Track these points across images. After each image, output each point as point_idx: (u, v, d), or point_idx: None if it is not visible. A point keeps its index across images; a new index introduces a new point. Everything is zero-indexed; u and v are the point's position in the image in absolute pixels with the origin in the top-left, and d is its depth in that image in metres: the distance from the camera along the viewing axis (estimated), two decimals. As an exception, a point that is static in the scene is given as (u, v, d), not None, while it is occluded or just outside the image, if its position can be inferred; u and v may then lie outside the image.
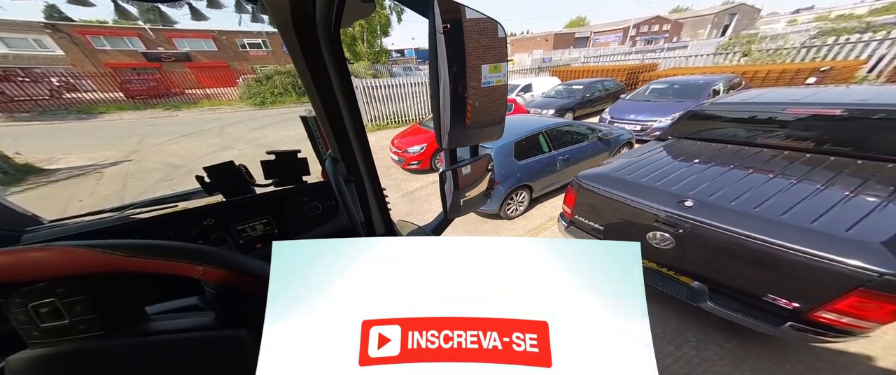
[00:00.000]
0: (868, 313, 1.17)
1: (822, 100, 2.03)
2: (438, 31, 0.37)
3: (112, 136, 9.02)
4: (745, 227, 1.41)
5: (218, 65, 20.03)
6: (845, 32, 6.56)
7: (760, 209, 1.49)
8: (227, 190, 0.80)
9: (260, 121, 10.50)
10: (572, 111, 7.48)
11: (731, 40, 8.76)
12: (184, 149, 7.30)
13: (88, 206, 4.25)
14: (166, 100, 14.76)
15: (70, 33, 17.40)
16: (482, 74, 0.45)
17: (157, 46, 19.80)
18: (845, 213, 1.36)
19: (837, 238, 1.25)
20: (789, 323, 1.36)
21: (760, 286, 1.43)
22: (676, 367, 1.71)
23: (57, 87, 13.36)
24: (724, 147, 2.27)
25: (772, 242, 1.32)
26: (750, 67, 6.60)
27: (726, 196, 1.63)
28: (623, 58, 12.67)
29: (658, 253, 1.79)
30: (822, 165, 1.78)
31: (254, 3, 0.66)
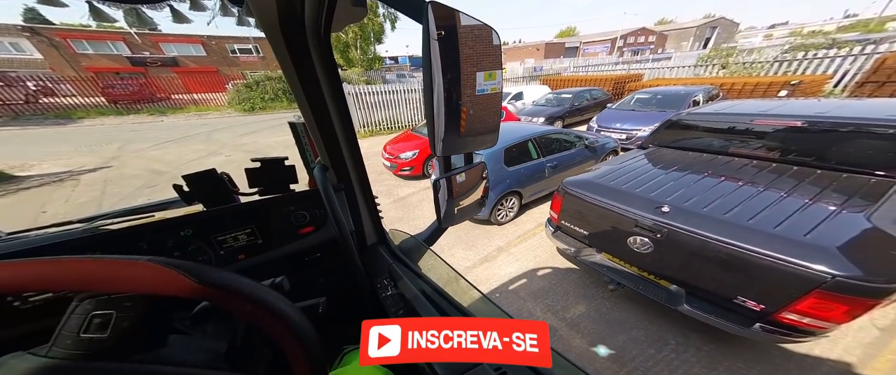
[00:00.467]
0: (825, 313, 1.24)
1: (786, 112, 2.17)
2: (433, 37, 0.36)
3: (91, 142, 8.68)
4: (716, 232, 1.48)
5: (207, 70, 19.74)
6: (813, 48, 7.07)
7: (729, 215, 1.56)
8: (207, 199, 0.76)
9: (250, 127, 10.34)
10: (562, 119, 7.69)
11: (710, 53, 9.25)
12: (168, 155, 7.08)
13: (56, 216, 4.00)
14: (151, 106, 14.37)
15: (49, 36, 16.84)
16: (477, 82, 0.44)
17: (142, 51, 19.37)
18: (804, 219, 1.45)
19: (796, 242, 1.32)
20: (758, 324, 1.42)
21: (731, 288, 1.50)
22: (657, 369, 1.75)
23: (33, 92, 12.82)
24: (699, 155, 2.39)
25: (739, 246, 1.39)
26: (727, 79, 6.97)
27: (699, 202, 1.72)
28: (611, 68, 13.18)
29: (639, 258, 1.84)
30: (787, 174, 1.90)
31: (239, 6, 0.65)
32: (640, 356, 1.82)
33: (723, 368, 1.68)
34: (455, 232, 3.41)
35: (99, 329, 0.31)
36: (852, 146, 1.82)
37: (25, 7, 22.86)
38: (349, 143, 0.78)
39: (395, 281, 0.76)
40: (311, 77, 0.64)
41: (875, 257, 1.23)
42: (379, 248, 0.93)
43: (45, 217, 3.95)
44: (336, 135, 0.75)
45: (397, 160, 4.84)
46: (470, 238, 3.31)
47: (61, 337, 0.31)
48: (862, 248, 1.26)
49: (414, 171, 4.82)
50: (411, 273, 0.78)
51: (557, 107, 8.03)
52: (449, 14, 0.37)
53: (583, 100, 8.22)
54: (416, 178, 4.90)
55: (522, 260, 2.85)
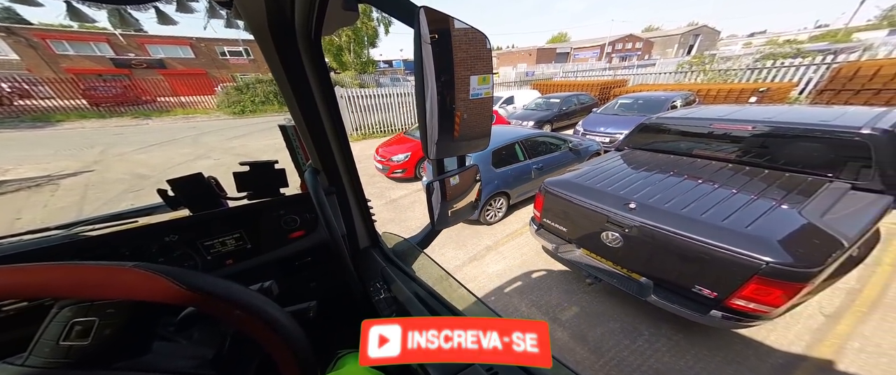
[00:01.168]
0: (765, 298, 1.37)
1: (741, 117, 2.35)
2: (425, 40, 0.36)
3: (71, 146, 8.38)
4: (675, 226, 1.61)
5: (195, 72, 19.35)
6: (781, 57, 7.54)
7: (686, 210, 1.70)
8: (193, 204, 0.74)
9: (239, 130, 10.19)
10: (550, 123, 7.91)
11: (692, 60, 9.71)
12: (153, 159, 6.92)
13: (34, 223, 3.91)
14: (135, 108, 13.97)
15: (27, 36, 16.23)
16: (471, 85, 0.44)
17: (127, 52, 18.86)
18: (748, 213, 1.59)
19: (739, 233, 1.45)
20: (713, 311, 1.55)
21: (689, 278, 1.62)
22: (632, 359, 1.85)
23: (7, 94, 12.30)
24: (667, 156, 2.55)
25: (694, 238, 1.52)
26: (704, 85, 7.37)
27: (662, 199, 1.85)
28: (600, 73, 13.62)
29: (611, 252, 1.96)
30: (739, 173, 2.06)
31: (228, 9, 0.63)
32: (616, 346, 1.92)
33: (690, 356, 1.80)
34: (446, 232, 3.48)
35: (80, 336, 0.30)
36: (793, 149, 2.02)
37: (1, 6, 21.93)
38: (341, 147, 0.77)
39: (389, 284, 0.75)
40: (302, 80, 0.64)
41: (803, 246, 1.37)
42: (372, 252, 0.92)
43: (20, 223, 3.82)
44: (327, 138, 0.74)
45: (389, 162, 4.88)
46: (460, 237, 3.38)
47: (39, 345, 0.30)
48: (792, 238, 1.40)
49: (406, 174, 4.87)
50: (405, 276, 0.77)
51: (546, 111, 8.25)
52: (441, 18, 0.37)
53: (571, 105, 8.47)
54: (408, 181, 4.95)
55: (509, 258, 2.93)
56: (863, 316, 1.93)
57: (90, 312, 0.31)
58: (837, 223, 1.48)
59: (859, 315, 1.94)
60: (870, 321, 1.90)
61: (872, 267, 2.34)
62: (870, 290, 2.13)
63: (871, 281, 2.21)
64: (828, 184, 1.77)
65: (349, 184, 0.83)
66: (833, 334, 1.83)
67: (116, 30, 18.19)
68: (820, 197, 1.66)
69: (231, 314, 0.32)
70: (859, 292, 2.12)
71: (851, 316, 1.94)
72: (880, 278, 2.23)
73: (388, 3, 0.43)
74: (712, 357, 1.77)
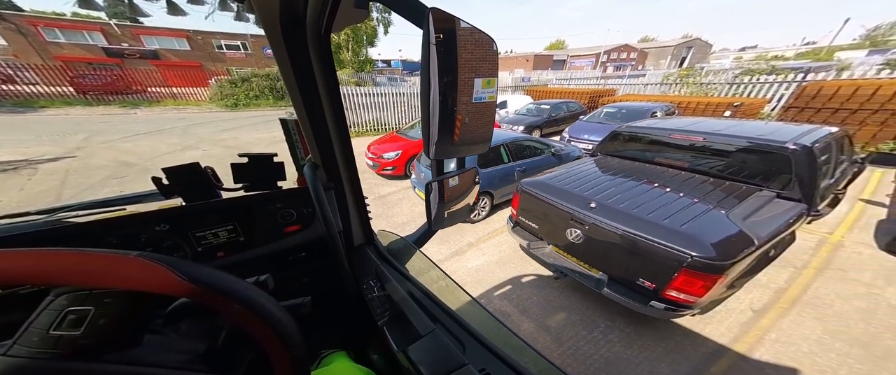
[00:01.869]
0: (690, 288, 1.55)
1: (694, 129, 2.56)
2: (432, 42, 0.36)
3: (54, 131, 8.21)
4: (625, 223, 1.78)
5: (190, 64, 19.08)
6: (757, 73, 7.94)
7: (636, 210, 1.88)
8: (187, 193, 0.73)
9: (230, 123, 10.13)
10: (540, 128, 8.13)
11: (680, 73, 10.11)
12: (139, 148, 6.85)
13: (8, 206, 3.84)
14: (124, 98, 13.72)
15: (17, 23, 15.81)
16: (474, 88, 0.44)
17: (121, 42, 18.52)
18: (686, 214, 1.78)
19: (674, 231, 1.64)
20: (652, 302, 1.71)
21: (634, 272, 1.79)
22: (587, 348, 1.99)
23: (-11, 77, 11.95)
24: (633, 162, 2.75)
25: (639, 235, 1.69)
26: (684, 98, 7.73)
27: (619, 200, 2.02)
28: (596, 82, 13.98)
29: (575, 248, 2.11)
30: (690, 179, 2.27)
31: (239, 2, 0.63)
32: (574, 336, 2.06)
33: (637, 346, 1.95)
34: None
35: (72, 325, 0.29)
36: (734, 159, 2.23)
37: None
38: (342, 143, 0.77)
39: (383, 282, 0.75)
40: (308, 75, 0.63)
41: (722, 243, 1.55)
42: (366, 249, 0.91)
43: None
44: (329, 133, 0.73)
45: (380, 159, 4.95)
46: (445, 234, 3.50)
47: (28, 334, 0.28)
48: (715, 236, 1.58)
49: (396, 171, 4.94)
50: (399, 274, 0.77)
51: (537, 116, 8.47)
52: (449, 19, 0.37)
53: (560, 112, 8.72)
54: (397, 178, 5.05)
55: (489, 254, 3.06)
56: (784, 312, 2.14)
57: (87, 301, 0.29)
58: (754, 225, 1.68)
59: (781, 311, 2.15)
60: (789, 315, 2.11)
61: (800, 269, 2.57)
62: (794, 289, 2.35)
63: (797, 281, 2.44)
64: (758, 192, 1.98)
65: (348, 181, 0.83)
66: (757, 327, 2.02)
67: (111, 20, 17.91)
68: (747, 203, 1.87)
69: (230, 308, 0.31)
70: (785, 291, 2.34)
71: (775, 312, 2.15)
72: (804, 279, 2.46)
73: (399, 3, 0.43)
74: (656, 347, 1.92)
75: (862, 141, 5.14)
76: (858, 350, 1.82)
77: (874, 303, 2.17)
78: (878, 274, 2.47)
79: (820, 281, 2.43)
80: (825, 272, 2.52)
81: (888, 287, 2.32)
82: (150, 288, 0.29)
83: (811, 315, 2.10)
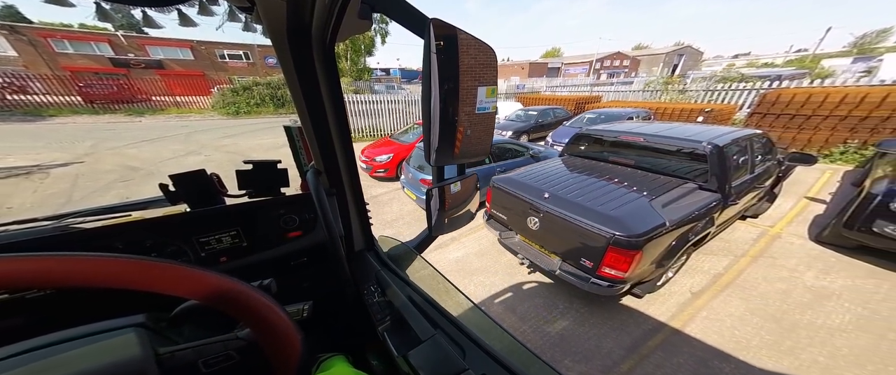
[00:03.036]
0: (617, 264, 1.82)
1: (638, 131, 2.89)
2: (433, 51, 0.37)
3: (62, 139, 8.56)
4: (570, 210, 2.08)
5: (193, 73, 19.65)
6: (730, 81, 8.38)
7: (580, 198, 2.17)
8: (193, 199, 0.74)
9: (232, 130, 10.50)
10: (527, 133, 8.49)
11: (659, 81, 10.58)
12: (144, 153, 7.18)
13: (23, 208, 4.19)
14: (129, 106, 14.17)
15: (28, 35, 16.43)
16: (478, 98, 0.44)
17: (127, 52, 19.14)
18: (619, 202, 2.07)
19: (605, 215, 1.91)
20: (592, 279, 1.98)
21: (577, 253, 2.07)
22: (547, 327, 2.24)
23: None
24: (591, 161, 3.06)
25: (579, 220, 1.98)
26: (662, 104, 8.16)
27: (568, 191, 2.32)
28: (585, 89, 14.51)
29: (535, 235, 2.39)
30: (631, 174, 2.58)
31: (248, 13, 0.65)
32: (537, 317, 2.32)
33: (589, 324, 2.21)
34: (416, 223, 3.88)
35: None
36: (667, 157, 2.56)
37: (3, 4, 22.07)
38: (344, 150, 0.78)
39: (383, 287, 0.75)
40: (313, 83, 0.65)
41: (638, 224, 1.84)
42: (367, 254, 0.92)
43: (10, 213, 4.04)
44: (332, 140, 0.74)
45: (373, 162, 5.26)
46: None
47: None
48: (634, 218, 1.88)
49: (387, 173, 5.24)
50: (399, 280, 0.77)
51: (525, 122, 8.84)
52: (449, 30, 0.38)
53: (547, 118, 9.10)
54: (389, 180, 5.34)
55: (468, 247, 3.34)
56: (717, 293, 2.41)
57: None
58: (669, 211, 1.97)
59: (715, 293, 2.42)
60: (720, 296, 2.38)
61: (738, 257, 2.85)
62: (729, 275, 2.63)
63: (733, 267, 2.71)
64: (683, 184, 2.28)
65: (349, 187, 0.83)
66: (693, 307, 2.29)
67: (118, 31, 18.57)
68: (671, 193, 2.17)
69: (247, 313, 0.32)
70: (721, 276, 2.62)
71: (709, 294, 2.41)
72: (740, 266, 2.74)
73: (401, 14, 0.45)
74: (604, 325, 2.19)
75: (816, 145, 5.49)
76: (771, 324, 2.08)
77: (793, 285, 2.44)
78: (802, 260, 2.75)
79: (753, 267, 2.70)
80: (759, 259, 2.80)
81: (807, 271, 2.60)
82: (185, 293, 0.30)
83: (739, 295, 2.36)
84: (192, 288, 0.30)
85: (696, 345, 1.94)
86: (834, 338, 1.93)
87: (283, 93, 15.45)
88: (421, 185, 3.72)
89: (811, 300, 2.28)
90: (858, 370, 1.72)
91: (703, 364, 1.80)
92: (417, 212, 4.11)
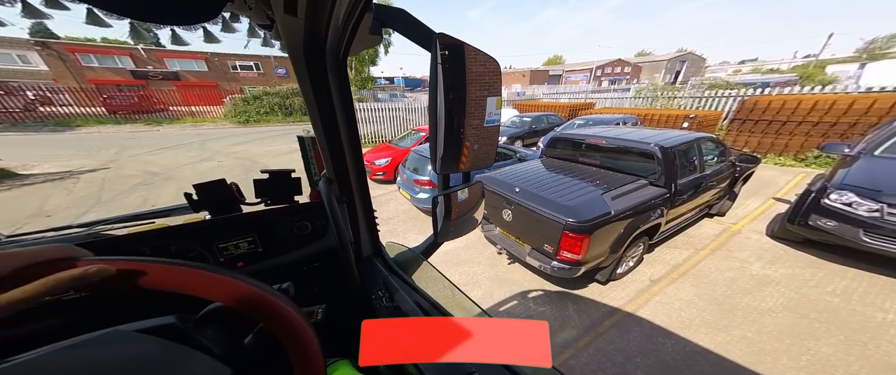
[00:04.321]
0: (572, 248, 2.13)
1: (601, 134, 3.20)
2: (439, 62, 0.39)
3: (89, 147, 9.27)
4: (535, 202, 2.39)
5: (207, 84, 20.71)
6: (718, 87, 8.63)
7: (545, 192, 2.48)
8: (214, 208, 0.78)
9: (242, 137, 11.14)
10: (521, 139, 8.85)
11: (653, 88, 10.88)
12: (163, 159, 7.77)
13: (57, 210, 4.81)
14: (148, 116, 15.07)
15: (58, 50, 17.70)
16: (487, 110, 0.45)
17: (146, 65, 20.34)
18: (576, 194, 2.38)
19: (562, 204, 2.22)
20: (553, 262, 2.28)
21: (541, 239, 2.37)
22: (519, 309, 2.51)
23: (31, 101, 13.35)
24: (564, 161, 3.40)
25: (542, 210, 2.30)
26: (649, 110, 8.46)
27: (537, 186, 2.63)
28: (582, 96, 14.87)
29: (509, 226, 2.70)
30: (596, 172, 2.90)
31: (268, 30, 0.68)
32: (512, 300, 2.60)
33: (556, 306, 2.49)
34: (410, 220, 4.22)
35: None
36: (622, 158, 2.90)
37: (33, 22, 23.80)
38: (355, 159, 0.80)
39: (391, 293, 0.77)
40: (326, 95, 0.68)
41: (587, 212, 2.16)
42: (374, 260, 0.95)
43: (48, 220, 4.36)
44: (343, 150, 0.77)
45: (372, 166, 5.68)
46: (419, 225, 4.11)
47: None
48: (585, 208, 2.19)
49: (386, 176, 5.64)
50: (406, 285, 0.79)
51: (519, 128, 9.21)
52: (455, 44, 0.40)
53: (541, 124, 9.45)
54: (387, 182, 5.72)
55: (457, 241, 3.60)
56: (672, 281, 2.68)
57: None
58: (616, 202, 2.29)
59: (671, 281, 2.68)
60: (675, 284, 2.64)
61: (699, 250, 3.11)
62: (687, 265, 2.89)
63: (692, 259, 2.97)
64: (636, 180, 2.60)
65: (359, 195, 0.86)
66: (649, 292, 2.56)
67: (138, 45, 19.84)
68: (623, 187, 2.48)
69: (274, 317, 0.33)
70: (680, 266, 2.88)
71: (666, 281, 2.68)
72: (699, 258, 3.00)
73: (409, 29, 0.47)
74: (569, 308, 2.47)
75: (793, 150, 5.69)
76: (713, 307, 2.33)
77: (740, 274, 2.69)
78: (754, 253, 3.00)
79: (710, 259, 2.96)
80: (717, 252, 3.06)
81: (756, 262, 2.85)
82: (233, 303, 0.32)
83: (691, 283, 2.62)
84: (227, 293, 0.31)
85: (645, 325, 2.21)
86: (763, 318, 2.18)
87: (291, 103, 16.20)
88: (414, 186, 4.06)
89: (753, 286, 2.53)
90: (777, 343, 1.97)
91: (649, 340, 2.07)
92: (412, 212, 4.45)
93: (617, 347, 2.04)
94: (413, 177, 4.09)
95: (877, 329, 2.03)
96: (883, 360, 1.81)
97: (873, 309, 2.20)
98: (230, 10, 0.63)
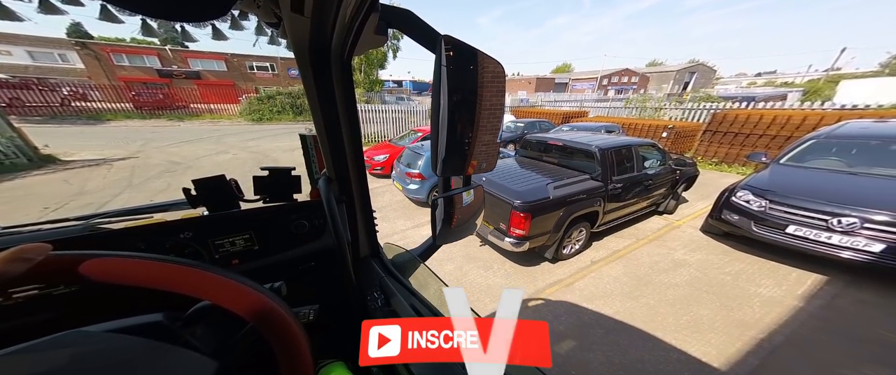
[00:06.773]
0: (520, 225, 2.64)
1: (560, 137, 3.72)
2: (443, 64, 0.38)
3: (119, 138, 10.25)
4: (495, 188, 2.91)
5: (225, 83, 21.96)
6: (702, 100, 8.99)
7: (506, 182, 3.00)
8: (212, 203, 0.77)
9: (255, 134, 12.01)
10: (514, 143, 9.36)
11: (635, 100, 11.35)
12: (184, 151, 8.61)
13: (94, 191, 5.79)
14: (170, 112, 16.20)
15: (95, 50, 19.19)
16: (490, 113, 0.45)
17: (171, 65, 21.73)
18: (529, 183, 2.90)
19: (514, 190, 2.74)
20: (506, 238, 2.80)
21: (498, 219, 2.88)
22: (480, 281, 2.99)
23: (66, 96, 14.55)
24: (532, 159, 3.95)
25: (498, 194, 2.82)
26: (633, 120, 8.92)
27: (503, 177, 3.14)
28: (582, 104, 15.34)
29: (485, 214, 3.26)
30: (551, 168, 3.42)
31: (275, 28, 0.69)
32: (478, 276, 3.09)
33: (511, 279, 2.98)
34: (400, 208, 4.76)
35: None
36: (574, 157, 3.44)
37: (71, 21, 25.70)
38: (356, 159, 0.80)
39: (387, 295, 0.77)
40: (329, 95, 0.68)
41: (530, 196, 2.68)
42: (371, 261, 0.94)
43: (88, 192, 5.14)
44: (345, 149, 0.77)
45: (371, 161, 6.30)
46: (409, 213, 4.66)
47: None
48: (529, 193, 2.72)
49: (384, 171, 6.24)
50: (402, 287, 0.78)
51: (512, 132, 9.74)
52: (460, 46, 0.40)
53: (534, 130, 9.96)
54: (384, 177, 6.31)
55: None
56: (609, 263, 3.17)
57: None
58: (557, 190, 2.81)
59: (608, 262, 3.17)
60: (610, 265, 3.13)
61: (639, 240, 3.59)
62: (625, 251, 3.37)
63: (631, 247, 3.45)
64: (581, 175, 3.12)
65: (358, 194, 0.86)
66: (587, 270, 3.05)
67: (166, 45, 21.28)
68: (567, 180, 3.00)
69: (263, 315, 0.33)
70: (619, 251, 3.36)
71: (603, 262, 3.17)
72: (637, 245, 3.48)
73: (414, 30, 0.47)
74: (521, 280, 2.96)
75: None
76: (633, 281, 2.81)
77: (664, 258, 3.17)
78: (683, 243, 3.46)
79: (646, 247, 3.43)
80: (654, 242, 3.53)
81: (680, 248, 3.33)
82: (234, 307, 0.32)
83: (622, 264, 3.11)
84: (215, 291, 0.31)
85: (577, 293, 2.70)
86: (667, 290, 2.66)
87: (302, 103, 17.09)
88: (405, 177, 4.57)
89: (670, 267, 3.00)
90: (669, 308, 2.45)
91: (576, 304, 2.55)
92: (404, 202, 4.99)
93: (549, 308, 2.53)
94: (405, 170, 4.61)
95: (745, 299, 2.52)
96: (736, 318, 2.32)
97: (751, 285, 2.70)
98: (239, 8, 0.64)
